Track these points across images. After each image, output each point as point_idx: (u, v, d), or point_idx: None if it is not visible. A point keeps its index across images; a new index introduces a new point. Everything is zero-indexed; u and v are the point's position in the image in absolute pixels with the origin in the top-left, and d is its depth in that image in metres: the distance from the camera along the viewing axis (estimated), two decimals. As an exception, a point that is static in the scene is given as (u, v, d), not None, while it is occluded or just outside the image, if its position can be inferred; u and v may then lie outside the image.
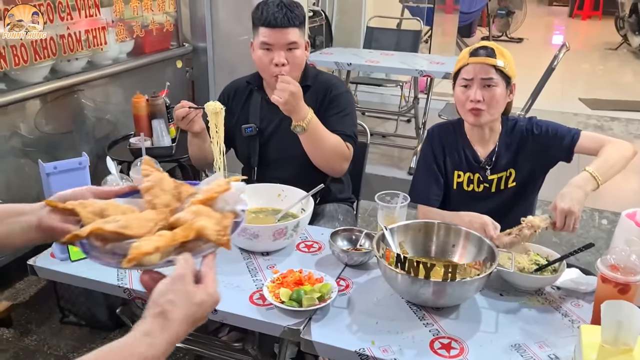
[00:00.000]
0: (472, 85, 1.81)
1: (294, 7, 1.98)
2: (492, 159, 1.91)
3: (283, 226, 1.65)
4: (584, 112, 5.47)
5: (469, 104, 1.81)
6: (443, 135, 1.98)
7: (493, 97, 1.80)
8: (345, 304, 1.49)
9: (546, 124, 1.90)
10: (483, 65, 1.79)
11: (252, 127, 2.13)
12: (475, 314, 1.46)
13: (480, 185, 1.92)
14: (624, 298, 1.33)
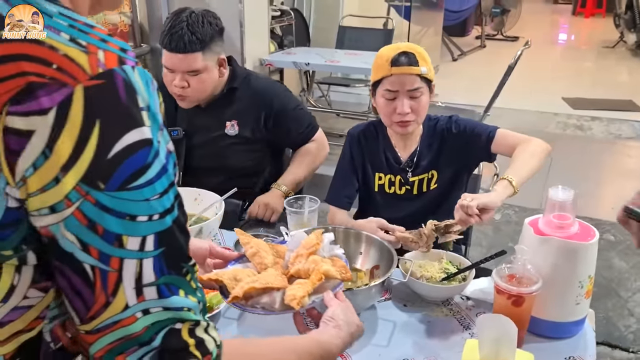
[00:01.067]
0: (398, 96, 1.72)
1: (197, 30, 1.83)
2: (413, 161, 1.84)
3: (183, 233, 1.58)
4: (566, 111, 5.37)
5: (397, 116, 1.73)
6: (363, 138, 1.90)
7: (420, 106, 1.74)
8: (237, 316, 1.42)
9: (465, 122, 1.82)
10: (408, 76, 1.70)
11: (178, 131, 2.08)
12: (371, 326, 1.38)
13: (402, 187, 1.86)
14: (518, 310, 1.26)
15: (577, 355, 1.30)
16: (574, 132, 4.89)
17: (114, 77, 0.62)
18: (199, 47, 1.85)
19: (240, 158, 2.06)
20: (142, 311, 0.64)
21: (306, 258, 1.02)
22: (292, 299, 0.92)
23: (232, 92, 2.05)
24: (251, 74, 2.12)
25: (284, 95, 2.11)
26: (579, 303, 1.33)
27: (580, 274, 1.30)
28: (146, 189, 0.64)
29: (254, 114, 2.05)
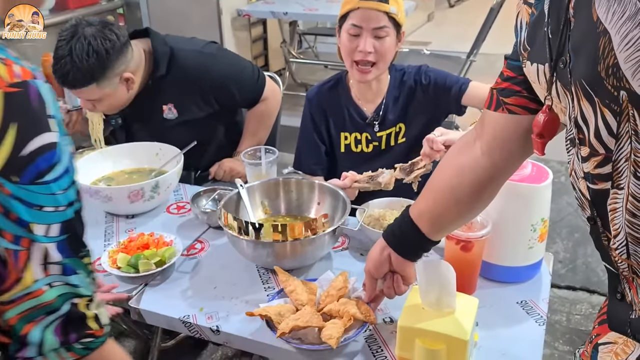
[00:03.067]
0: (362, 33, 1.64)
1: (82, 65, 1.63)
2: (379, 114, 1.77)
3: (139, 187, 1.56)
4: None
5: (358, 54, 1.65)
6: (323, 98, 1.82)
7: (384, 48, 1.65)
8: (191, 268, 1.42)
9: (435, 73, 1.76)
10: (375, 12, 1.62)
11: (115, 119, 1.96)
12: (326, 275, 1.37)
13: (369, 144, 1.79)
14: (467, 256, 1.25)
15: (530, 299, 1.29)
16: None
17: (29, 87, 0.72)
18: (87, 82, 1.68)
19: (186, 139, 1.85)
20: (48, 284, 0.76)
21: (336, 299, 1.20)
22: (329, 338, 1.08)
23: (159, 80, 1.88)
24: (175, 49, 1.88)
25: (216, 64, 1.92)
26: (532, 247, 1.30)
27: (532, 217, 1.27)
28: (53, 185, 0.75)
29: (190, 96, 1.91)
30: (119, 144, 1.86)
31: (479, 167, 1.00)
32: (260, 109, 2.03)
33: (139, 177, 1.78)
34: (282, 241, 1.27)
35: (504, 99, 0.92)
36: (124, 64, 1.74)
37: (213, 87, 1.91)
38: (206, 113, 1.95)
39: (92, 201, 1.60)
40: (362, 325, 1.16)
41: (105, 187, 1.56)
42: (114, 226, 1.61)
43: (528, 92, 0.89)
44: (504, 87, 0.93)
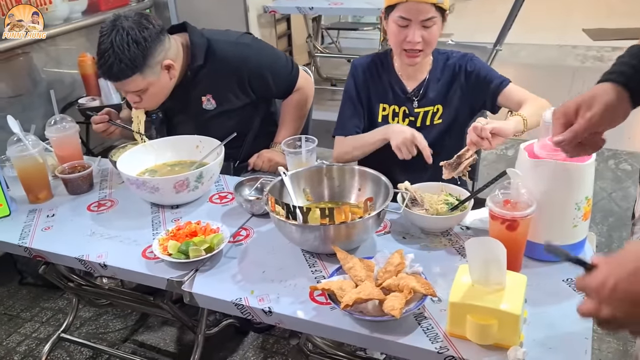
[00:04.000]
0: (411, 25, 1.68)
1: (124, 56, 1.69)
2: (419, 91, 1.82)
3: (183, 177, 1.61)
4: (585, 43, 5.17)
5: (407, 44, 1.71)
6: (366, 69, 1.87)
7: (432, 37, 1.71)
8: (239, 254, 1.45)
9: (480, 64, 1.79)
10: (424, 5, 1.66)
11: (157, 114, 2.03)
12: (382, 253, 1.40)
13: (405, 119, 1.84)
14: (512, 235, 1.26)
15: (576, 276, 1.29)
16: (593, 64, 4.72)
17: None
18: (131, 72, 1.73)
19: (224, 129, 1.89)
20: None
21: (395, 274, 1.23)
22: (392, 309, 1.12)
23: (197, 70, 1.93)
24: (211, 40, 1.93)
25: (252, 54, 1.97)
26: (576, 225, 1.31)
27: (576, 196, 1.28)
28: None
29: (227, 84, 1.96)
30: (161, 138, 1.91)
31: None
32: (294, 99, 2.07)
33: (181, 169, 1.83)
34: (329, 224, 1.30)
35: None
36: (163, 51, 1.81)
37: (249, 76, 1.95)
38: (243, 103, 2.00)
39: (138, 192, 1.65)
40: (421, 299, 1.19)
41: (152, 178, 1.60)
42: (160, 216, 1.66)
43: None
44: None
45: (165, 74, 1.83)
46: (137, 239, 1.54)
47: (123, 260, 1.45)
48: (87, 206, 1.74)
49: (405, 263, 1.26)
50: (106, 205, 1.74)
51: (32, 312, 2.46)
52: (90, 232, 1.59)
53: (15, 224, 1.66)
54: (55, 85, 3.04)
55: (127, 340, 2.24)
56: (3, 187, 1.68)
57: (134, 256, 1.46)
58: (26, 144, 1.71)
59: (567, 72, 4.44)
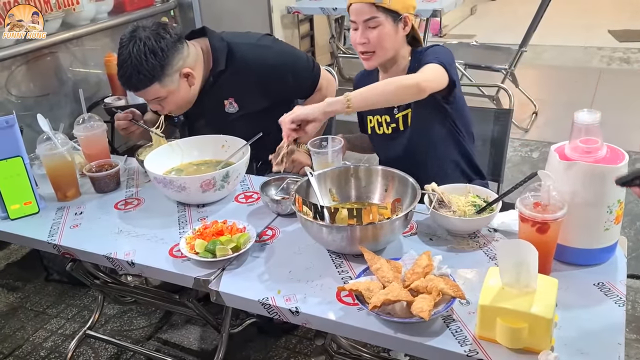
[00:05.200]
0: (358, 27, 1.72)
1: (142, 67, 1.72)
2: None
3: (210, 177, 1.62)
4: (611, 45, 5.09)
5: (357, 46, 1.76)
6: (359, 81, 1.93)
7: (379, 38, 1.71)
8: (265, 254, 1.46)
9: (429, 52, 1.72)
10: (362, 5, 1.69)
11: (178, 117, 2.06)
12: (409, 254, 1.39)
13: (389, 126, 1.85)
14: (543, 238, 1.24)
15: (607, 280, 1.28)
16: (619, 66, 4.64)
17: None
18: (149, 82, 1.76)
19: (247, 132, 1.86)
20: None
21: (423, 276, 1.22)
22: (420, 310, 1.11)
23: (219, 76, 1.94)
24: (231, 44, 1.94)
25: (272, 55, 1.96)
26: (607, 229, 1.29)
27: (608, 198, 1.26)
28: None
29: (249, 87, 1.95)
30: (188, 137, 1.92)
31: None
32: (316, 99, 2.07)
33: (207, 168, 1.84)
34: (356, 225, 1.30)
35: None
36: (181, 59, 1.82)
37: (271, 78, 1.95)
38: (265, 105, 1.99)
39: (165, 191, 1.67)
40: (450, 301, 1.18)
41: (179, 177, 1.61)
42: (186, 215, 1.67)
43: None
44: None
45: (184, 82, 1.84)
46: (163, 238, 1.55)
47: (150, 258, 1.46)
48: (115, 204, 1.76)
49: (433, 265, 1.25)
50: (133, 203, 1.76)
51: (58, 308, 2.50)
52: (118, 230, 1.61)
53: (44, 222, 1.68)
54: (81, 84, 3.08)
55: (151, 337, 2.26)
56: (32, 185, 1.70)
57: (161, 254, 1.47)
58: (55, 143, 1.74)
59: (592, 74, 4.38)
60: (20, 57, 2.76)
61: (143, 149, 1.98)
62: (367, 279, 1.27)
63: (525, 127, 3.73)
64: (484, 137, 2.12)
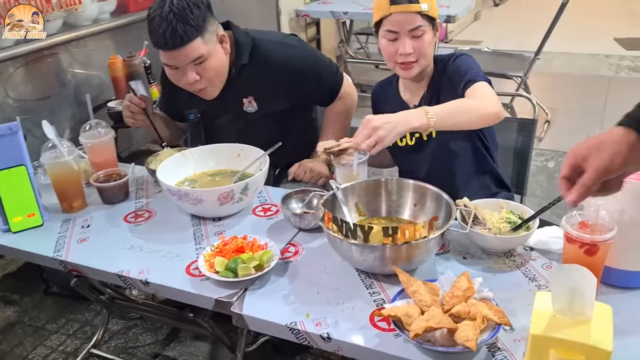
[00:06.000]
0: (400, 37, 1.64)
1: (188, 18, 1.64)
2: (422, 104, 1.74)
3: (228, 189, 1.53)
4: (618, 53, 5.05)
5: (399, 57, 1.66)
6: (377, 94, 1.91)
7: (423, 46, 1.65)
8: (289, 272, 1.37)
9: (460, 61, 1.68)
10: (408, 14, 1.61)
11: (194, 114, 1.97)
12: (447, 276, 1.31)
13: (412, 137, 1.77)
14: (590, 260, 1.16)
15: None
16: (628, 74, 4.60)
17: None
18: (195, 34, 1.66)
19: (265, 134, 1.83)
20: None
21: (464, 300, 1.15)
22: (466, 339, 1.04)
23: (241, 69, 1.87)
24: (256, 39, 1.88)
25: (297, 55, 1.90)
26: (656, 249, 1.22)
27: (658, 217, 1.19)
28: None
29: (270, 86, 1.88)
30: (201, 146, 1.83)
31: None
32: (338, 106, 2.00)
33: (222, 179, 1.75)
34: (391, 244, 1.21)
35: None
36: (215, 23, 1.77)
37: (293, 78, 1.88)
38: (285, 107, 1.93)
39: (180, 203, 1.57)
40: (495, 328, 1.10)
41: (196, 190, 1.52)
42: (202, 229, 1.58)
43: None
44: None
45: (220, 48, 1.78)
46: (179, 254, 1.46)
47: (166, 277, 1.37)
48: (124, 217, 1.67)
49: (474, 288, 1.17)
50: (144, 216, 1.67)
51: (58, 323, 2.39)
52: (129, 245, 1.52)
53: (49, 235, 1.59)
54: (83, 87, 2.99)
55: (158, 355, 2.16)
56: (36, 195, 1.61)
57: (178, 273, 1.38)
58: (61, 151, 1.64)
59: (601, 82, 4.32)
60: (20, 59, 2.66)
61: (153, 157, 1.88)
62: (403, 302, 1.19)
63: (539, 136, 3.66)
64: (506, 147, 2.04)
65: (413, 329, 1.07)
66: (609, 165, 0.95)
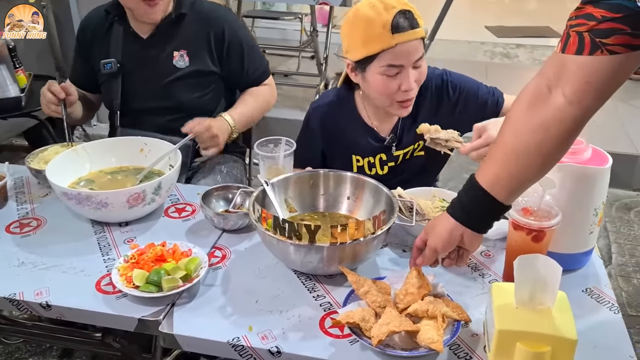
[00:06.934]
0: (403, 71, 1.40)
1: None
2: (396, 135, 1.58)
3: (139, 189, 1.33)
4: (491, 40, 5.36)
5: (401, 94, 1.43)
6: (327, 119, 1.60)
7: (422, 76, 1.46)
8: (220, 281, 1.22)
9: (462, 83, 1.56)
10: (414, 43, 1.38)
11: (112, 63, 1.79)
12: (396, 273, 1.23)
13: (384, 167, 1.61)
14: (537, 246, 1.15)
15: (593, 285, 1.22)
16: (501, 60, 4.90)
17: None
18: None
19: (191, 94, 1.80)
20: None
21: (420, 297, 1.08)
22: (431, 341, 0.98)
23: (179, 18, 1.78)
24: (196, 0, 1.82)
25: (236, 25, 1.86)
26: (592, 232, 1.25)
27: (595, 200, 1.21)
28: None
29: (205, 42, 1.79)
30: (95, 140, 1.59)
31: (566, 116, 0.94)
32: (261, 90, 1.88)
33: (125, 177, 1.54)
34: (340, 244, 1.11)
35: (603, 40, 0.87)
36: None
37: (228, 41, 1.80)
38: (213, 72, 1.82)
39: (79, 208, 1.35)
40: (455, 325, 1.05)
41: (100, 192, 1.31)
42: (107, 237, 1.37)
43: (632, 27, 0.85)
44: (603, 27, 0.87)
45: None
46: (84, 269, 1.25)
47: (72, 297, 1.16)
48: (6, 227, 1.40)
49: (429, 284, 1.11)
50: (31, 225, 1.42)
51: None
52: (18, 262, 1.27)
53: None
54: None
55: (49, 381, 1.89)
56: None
57: (87, 291, 1.18)
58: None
59: (479, 67, 4.56)
60: None
61: (34, 154, 1.62)
62: (355, 305, 1.10)
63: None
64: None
65: (375, 334, 0.99)
66: (441, 245, 1.08)
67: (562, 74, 0.93)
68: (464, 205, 1.06)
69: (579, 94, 0.92)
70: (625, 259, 2.62)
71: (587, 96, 0.92)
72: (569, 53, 0.91)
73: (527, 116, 0.98)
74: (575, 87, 0.92)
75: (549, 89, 0.96)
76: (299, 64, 4.60)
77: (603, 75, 0.90)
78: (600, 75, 0.90)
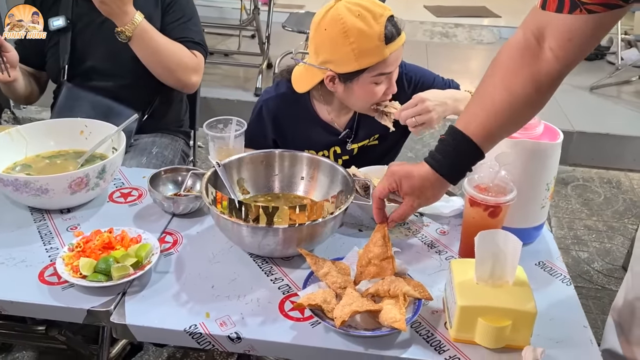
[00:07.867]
0: (389, 75, 1.43)
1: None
2: (352, 129, 1.57)
3: (82, 174, 1.25)
4: (430, 19, 5.41)
5: (383, 97, 1.45)
6: (281, 113, 1.57)
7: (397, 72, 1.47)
8: (173, 267, 1.17)
9: (416, 75, 1.57)
10: (401, 49, 1.40)
11: (62, 19, 1.71)
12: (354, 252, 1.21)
13: (337, 160, 1.60)
14: (493, 222, 1.16)
15: (545, 259, 1.25)
16: (440, 40, 4.95)
17: None
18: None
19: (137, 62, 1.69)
20: None
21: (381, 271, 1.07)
22: (394, 320, 0.97)
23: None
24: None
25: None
26: (544, 206, 1.27)
27: (547, 175, 1.24)
28: None
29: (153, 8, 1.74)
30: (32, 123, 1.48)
31: (554, 71, 0.98)
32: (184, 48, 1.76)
33: (65, 161, 1.45)
34: (298, 225, 1.08)
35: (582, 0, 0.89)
36: None
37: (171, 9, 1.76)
38: None
39: (16, 195, 1.26)
40: (416, 303, 1.05)
41: (40, 177, 1.21)
42: (48, 224, 1.28)
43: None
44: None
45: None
46: (25, 259, 1.16)
47: (13, 289, 1.08)
48: None
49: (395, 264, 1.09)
50: (-39, 214, 1.31)
51: None
52: (-51, 255, 1.18)
53: None
54: None
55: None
56: None
57: (29, 283, 1.10)
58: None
59: (420, 47, 4.59)
60: None
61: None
62: (315, 287, 1.08)
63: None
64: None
65: (338, 315, 0.97)
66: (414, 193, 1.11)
67: (546, 30, 0.96)
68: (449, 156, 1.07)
69: (563, 50, 0.96)
70: (564, 232, 2.73)
71: (570, 52, 0.96)
72: (550, 10, 0.94)
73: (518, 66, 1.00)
74: (559, 44, 0.95)
75: (537, 41, 0.98)
76: (239, 43, 4.49)
77: (583, 34, 0.93)
78: (580, 33, 0.93)
